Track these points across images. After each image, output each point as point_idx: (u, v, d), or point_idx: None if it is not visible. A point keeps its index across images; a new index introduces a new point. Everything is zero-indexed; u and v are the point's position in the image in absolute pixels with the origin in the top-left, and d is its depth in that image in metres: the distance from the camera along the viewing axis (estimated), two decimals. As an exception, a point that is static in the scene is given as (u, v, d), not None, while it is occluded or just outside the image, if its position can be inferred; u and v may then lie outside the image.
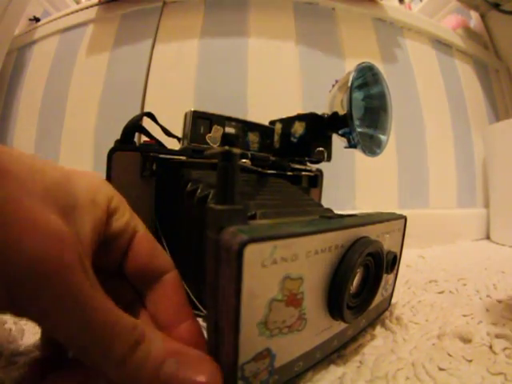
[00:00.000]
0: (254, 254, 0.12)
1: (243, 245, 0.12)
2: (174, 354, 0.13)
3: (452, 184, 0.78)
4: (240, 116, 0.33)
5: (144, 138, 0.32)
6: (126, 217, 0.17)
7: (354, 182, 0.65)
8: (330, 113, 0.31)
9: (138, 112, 0.64)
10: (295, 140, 0.34)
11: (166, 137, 0.34)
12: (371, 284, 0.21)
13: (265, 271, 0.13)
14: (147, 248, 0.18)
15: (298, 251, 0.14)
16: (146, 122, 0.32)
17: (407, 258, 0.54)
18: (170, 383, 0.13)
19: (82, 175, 0.16)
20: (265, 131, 0.35)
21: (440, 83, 0.81)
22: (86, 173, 0.16)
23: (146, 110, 0.64)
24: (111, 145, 0.28)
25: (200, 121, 0.30)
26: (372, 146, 0.32)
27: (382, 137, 0.33)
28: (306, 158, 0.34)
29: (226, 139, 0.14)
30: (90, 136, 0.68)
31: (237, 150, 0.14)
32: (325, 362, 0.20)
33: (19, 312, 0.12)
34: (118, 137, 0.28)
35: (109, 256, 0.17)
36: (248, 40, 0.64)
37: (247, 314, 0.13)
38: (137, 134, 0.29)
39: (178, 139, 0.31)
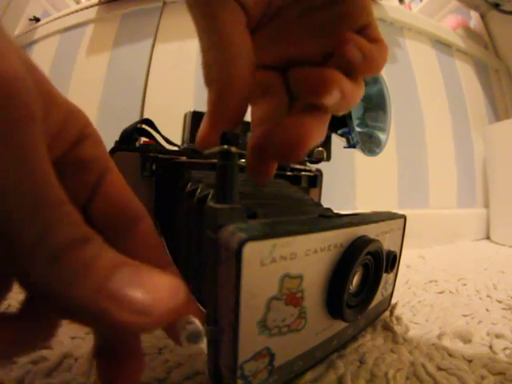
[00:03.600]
0: (252, 252, 0.12)
1: (242, 243, 0.12)
2: (129, 265, 0.10)
3: (452, 184, 0.78)
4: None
5: (144, 138, 0.32)
6: (100, 149, 0.15)
7: (353, 182, 0.65)
8: (329, 112, 0.31)
9: (138, 112, 0.64)
10: (295, 140, 0.33)
11: (165, 136, 0.34)
12: (371, 283, 0.21)
13: (264, 270, 0.13)
14: (121, 189, 0.15)
15: (297, 250, 0.14)
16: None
17: (407, 258, 0.54)
18: (117, 299, 0.09)
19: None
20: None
21: (440, 83, 0.81)
22: None
23: (146, 109, 0.64)
24: (111, 145, 0.28)
25: (199, 121, 0.30)
26: (371, 146, 0.32)
27: (382, 136, 0.33)
28: (306, 158, 0.34)
29: (224, 139, 0.14)
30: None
31: (235, 149, 0.14)
32: (325, 362, 0.20)
33: None
34: (118, 137, 0.29)
35: (75, 187, 0.13)
36: (248, 40, 0.64)
37: (246, 312, 0.13)
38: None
39: (178, 147, 0.31)
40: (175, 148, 0.31)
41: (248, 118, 0.34)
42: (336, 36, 0.15)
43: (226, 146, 0.14)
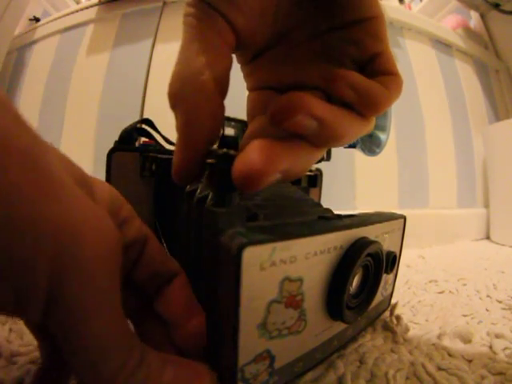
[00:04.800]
0: (252, 256, 0.12)
1: (241, 247, 0.12)
2: (170, 363, 0.13)
3: (452, 184, 0.78)
4: (240, 116, 0.33)
5: (143, 138, 0.32)
6: (137, 223, 0.16)
7: (353, 182, 0.65)
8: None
9: (138, 112, 0.64)
10: (295, 140, 0.33)
11: (165, 136, 0.34)
12: (371, 284, 0.21)
13: (264, 273, 0.13)
14: (160, 253, 0.17)
15: (297, 253, 0.14)
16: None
17: (407, 258, 0.54)
18: None
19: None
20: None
21: (440, 83, 0.81)
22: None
23: (146, 109, 0.64)
24: (111, 145, 0.28)
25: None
26: (371, 146, 0.32)
27: (382, 136, 0.33)
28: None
29: (224, 141, 0.14)
30: (90, 136, 0.68)
31: (234, 153, 0.14)
32: (325, 363, 0.21)
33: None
34: (118, 137, 0.29)
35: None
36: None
37: (246, 315, 0.13)
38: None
39: None
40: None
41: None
42: (346, 63, 0.14)
43: (225, 150, 0.14)
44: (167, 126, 0.35)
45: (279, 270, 0.14)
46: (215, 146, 0.14)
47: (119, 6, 0.71)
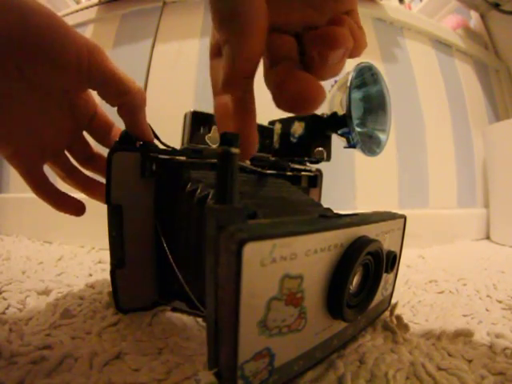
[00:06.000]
0: (252, 252, 0.12)
1: (242, 244, 0.12)
2: None
3: (452, 184, 0.78)
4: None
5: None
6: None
7: (354, 182, 0.65)
8: (329, 113, 0.31)
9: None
10: (295, 140, 0.33)
11: (166, 136, 0.34)
12: (371, 283, 0.21)
13: (264, 270, 0.13)
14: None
15: (297, 250, 0.14)
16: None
17: (407, 258, 0.54)
18: None
19: None
20: (264, 131, 0.35)
21: (440, 83, 0.81)
22: None
23: (146, 109, 0.64)
24: (111, 145, 0.28)
25: (200, 121, 0.30)
26: (371, 146, 0.32)
27: (382, 136, 0.33)
28: (306, 158, 0.34)
29: (225, 139, 0.14)
30: (89, 137, 0.68)
31: (236, 150, 0.14)
32: (325, 362, 0.20)
33: None
34: (118, 137, 0.29)
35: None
36: (248, 40, 0.64)
37: (246, 313, 0.13)
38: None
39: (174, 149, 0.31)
40: (176, 145, 0.31)
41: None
42: (323, 12, 0.17)
43: (225, 147, 0.14)
44: (167, 126, 0.35)
45: (279, 267, 0.14)
46: (217, 145, 0.14)
47: (119, 6, 0.71)
